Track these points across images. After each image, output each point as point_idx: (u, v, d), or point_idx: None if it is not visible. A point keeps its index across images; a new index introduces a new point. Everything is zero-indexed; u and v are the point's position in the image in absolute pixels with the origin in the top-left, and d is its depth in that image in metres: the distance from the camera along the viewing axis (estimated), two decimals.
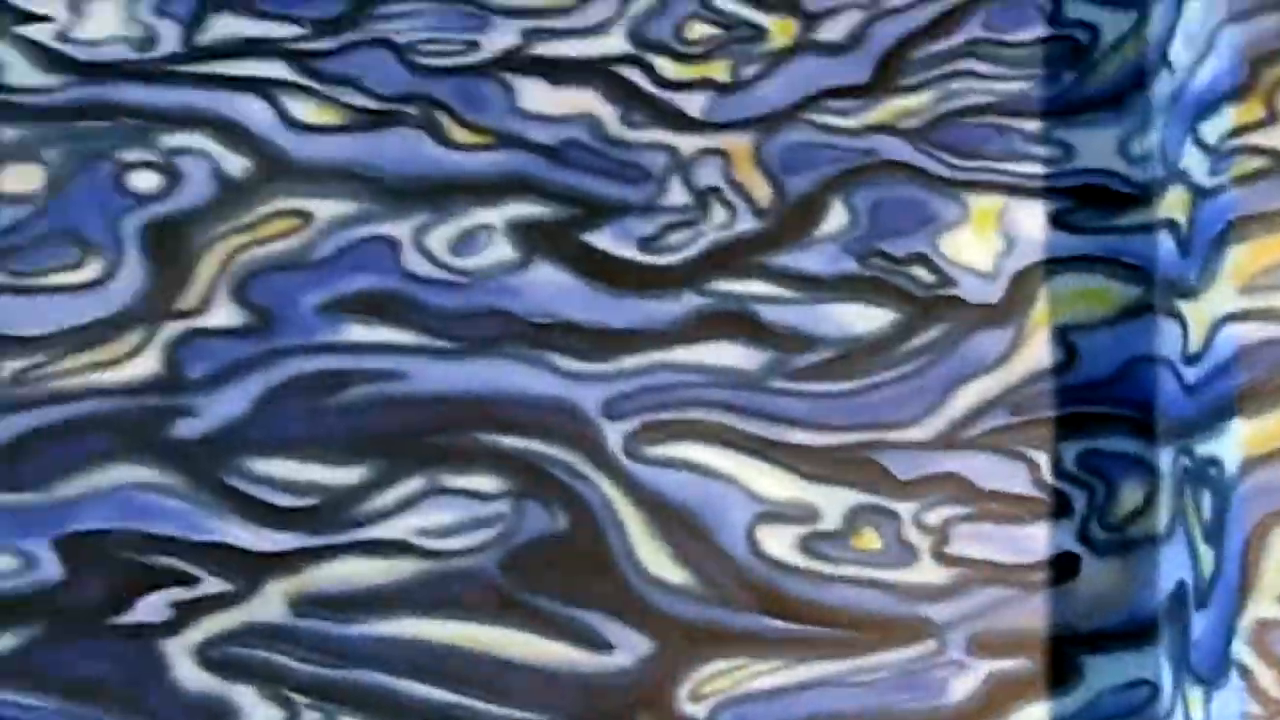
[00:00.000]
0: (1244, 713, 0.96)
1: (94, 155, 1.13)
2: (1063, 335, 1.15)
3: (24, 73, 1.14)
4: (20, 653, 1.10)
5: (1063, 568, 1.13)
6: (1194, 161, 1.08)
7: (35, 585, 1.10)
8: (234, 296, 1.12)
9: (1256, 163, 1.01)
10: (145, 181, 1.13)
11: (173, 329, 1.12)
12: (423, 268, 1.13)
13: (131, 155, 1.13)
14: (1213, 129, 1.05)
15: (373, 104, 1.15)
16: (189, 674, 1.09)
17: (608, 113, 1.16)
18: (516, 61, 1.16)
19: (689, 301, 1.14)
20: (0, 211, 1.12)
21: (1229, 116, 1.02)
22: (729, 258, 1.15)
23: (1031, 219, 1.16)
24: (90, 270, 1.13)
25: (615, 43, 1.16)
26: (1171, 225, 1.13)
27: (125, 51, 1.14)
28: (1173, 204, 1.13)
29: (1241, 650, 0.97)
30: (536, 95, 1.15)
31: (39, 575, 1.10)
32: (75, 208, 1.12)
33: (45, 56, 1.14)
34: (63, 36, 1.14)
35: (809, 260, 1.15)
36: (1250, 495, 0.97)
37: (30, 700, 1.09)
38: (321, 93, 1.14)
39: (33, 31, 1.14)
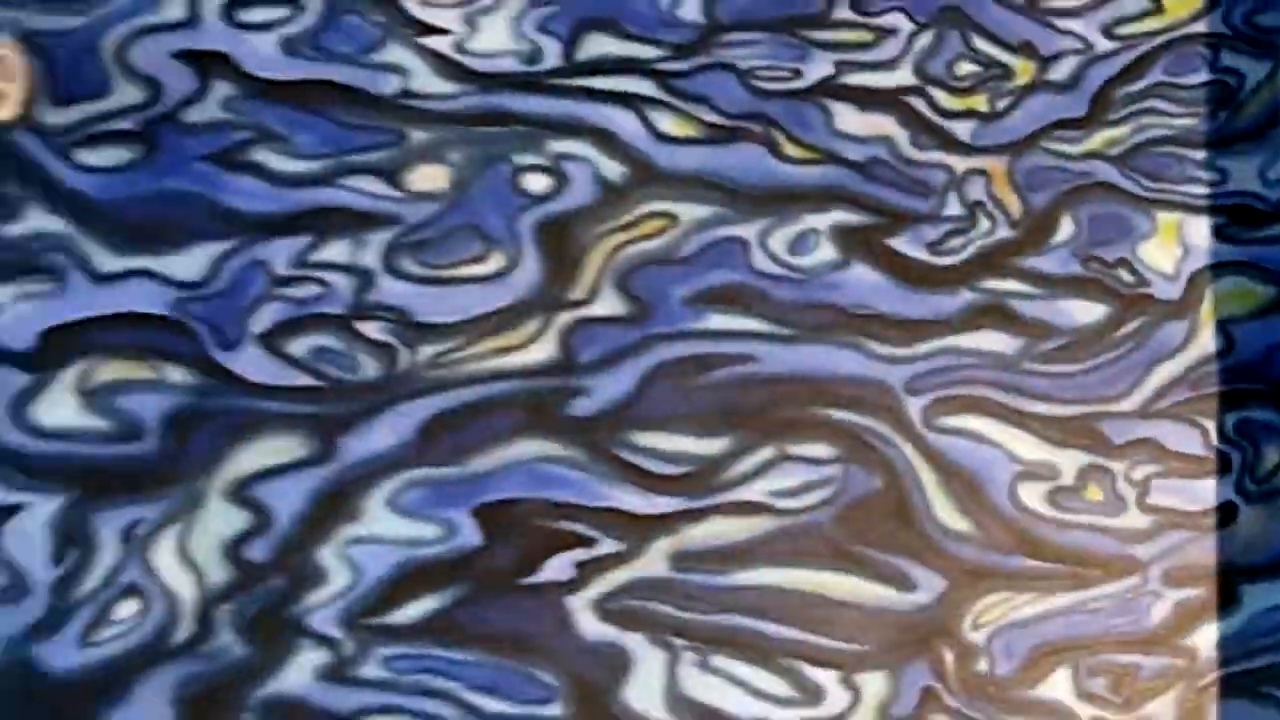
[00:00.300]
0: None
1: (492, 158, 1.64)
2: (1223, 327, 1.92)
3: (427, 80, 1.62)
4: (444, 612, 1.61)
5: (1225, 514, 1.89)
6: None
7: (456, 551, 1.61)
8: (616, 288, 1.68)
9: None
10: (537, 183, 1.65)
11: (565, 317, 1.66)
12: (766, 265, 1.73)
13: (524, 159, 1.65)
14: None
15: (721, 120, 1.74)
16: (590, 625, 1.65)
17: (901, 135, 1.81)
18: (831, 88, 1.78)
19: (964, 296, 1.81)
20: (414, 207, 1.62)
21: None
22: (991, 260, 1.83)
23: (1199, 231, 1.92)
24: (493, 263, 1.64)
25: (904, 76, 1.82)
26: None
27: (514, 64, 1.66)
28: None
29: None
30: (848, 118, 1.79)
31: (460, 541, 1.61)
32: (477, 205, 1.63)
33: (446, 66, 1.64)
34: (460, 48, 1.63)
35: (1047, 263, 1.85)
36: None
37: (455, 654, 1.62)
38: (680, 108, 1.72)
39: (434, 43, 1.64)
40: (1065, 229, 1.73)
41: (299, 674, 1.46)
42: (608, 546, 1.54)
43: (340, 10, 1.50)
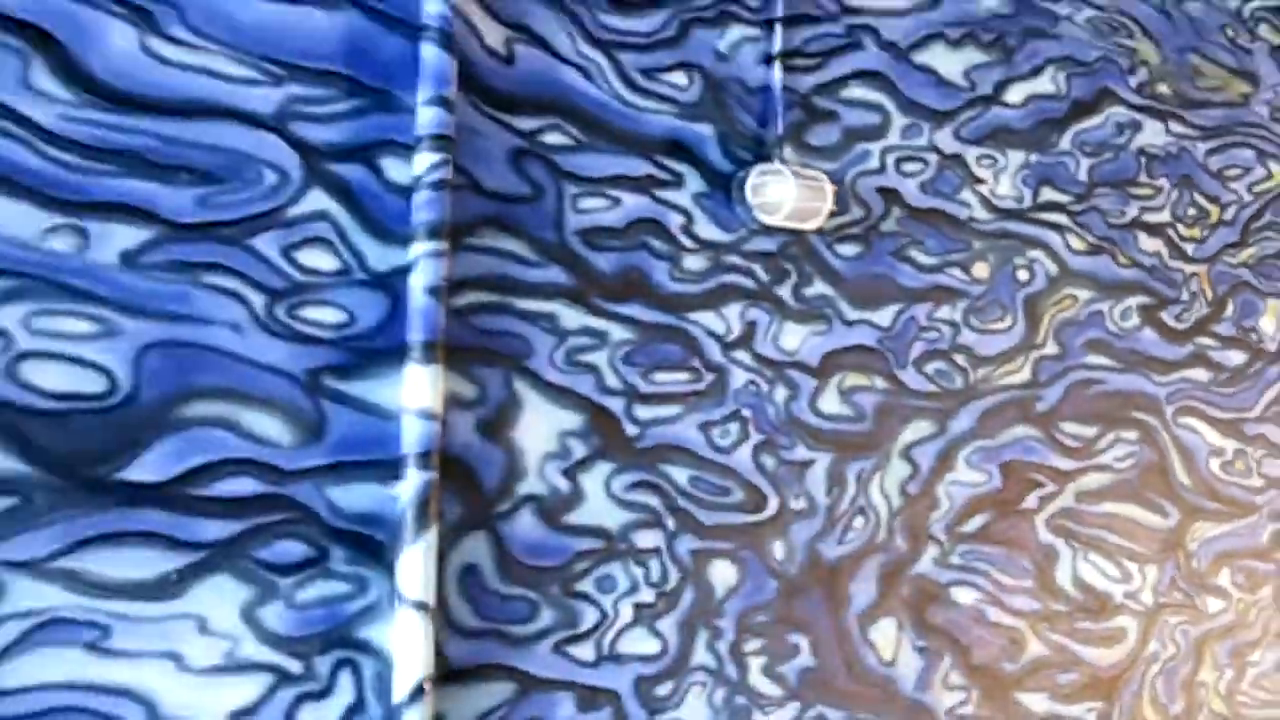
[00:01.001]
0: None
1: (1003, 260, 4.09)
2: None
3: (978, 211, 4.06)
4: (985, 525, 4.03)
5: None
6: None
7: (991, 490, 4.03)
8: (1054, 338, 4.17)
9: None
10: (1022, 275, 4.12)
11: (1034, 354, 4.13)
12: (1111, 326, 4.27)
13: (1017, 261, 4.11)
14: None
15: (1095, 240, 4.26)
16: (1043, 534, 4.13)
17: (1165, 251, 4.41)
18: (1135, 223, 4.36)
19: (1188, 347, 4.44)
20: (974, 287, 4.03)
21: None
22: (1200, 326, 4.47)
23: None
24: (1004, 323, 4.08)
25: (1165, 215, 4.42)
26: None
27: (1012, 204, 4.11)
28: None
29: None
30: (1143, 241, 4.37)
31: (992, 484, 4.03)
32: (1000, 288, 4.08)
33: (985, 203, 4.07)
34: (992, 193, 4.08)
35: (1222, 328, 4.52)
36: None
37: (987, 549, 4.05)
38: (1077, 231, 4.23)
39: (981, 189, 4.07)
40: (1230, 308, 4.41)
41: (927, 560, 3.87)
42: (1050, 488, 4.05)
43: (944, 167, 3.93)
